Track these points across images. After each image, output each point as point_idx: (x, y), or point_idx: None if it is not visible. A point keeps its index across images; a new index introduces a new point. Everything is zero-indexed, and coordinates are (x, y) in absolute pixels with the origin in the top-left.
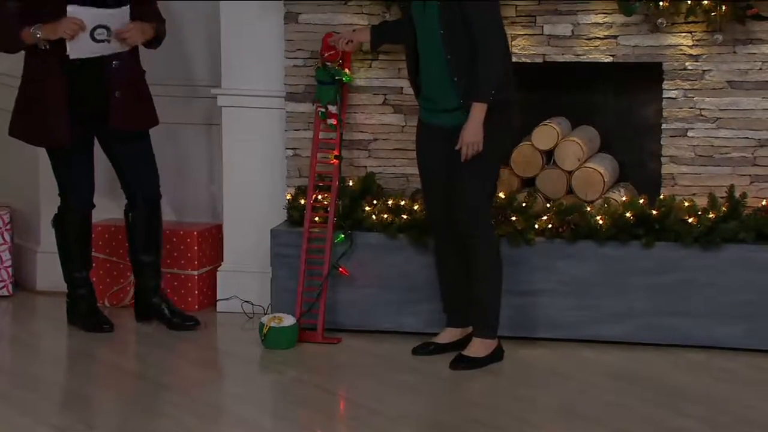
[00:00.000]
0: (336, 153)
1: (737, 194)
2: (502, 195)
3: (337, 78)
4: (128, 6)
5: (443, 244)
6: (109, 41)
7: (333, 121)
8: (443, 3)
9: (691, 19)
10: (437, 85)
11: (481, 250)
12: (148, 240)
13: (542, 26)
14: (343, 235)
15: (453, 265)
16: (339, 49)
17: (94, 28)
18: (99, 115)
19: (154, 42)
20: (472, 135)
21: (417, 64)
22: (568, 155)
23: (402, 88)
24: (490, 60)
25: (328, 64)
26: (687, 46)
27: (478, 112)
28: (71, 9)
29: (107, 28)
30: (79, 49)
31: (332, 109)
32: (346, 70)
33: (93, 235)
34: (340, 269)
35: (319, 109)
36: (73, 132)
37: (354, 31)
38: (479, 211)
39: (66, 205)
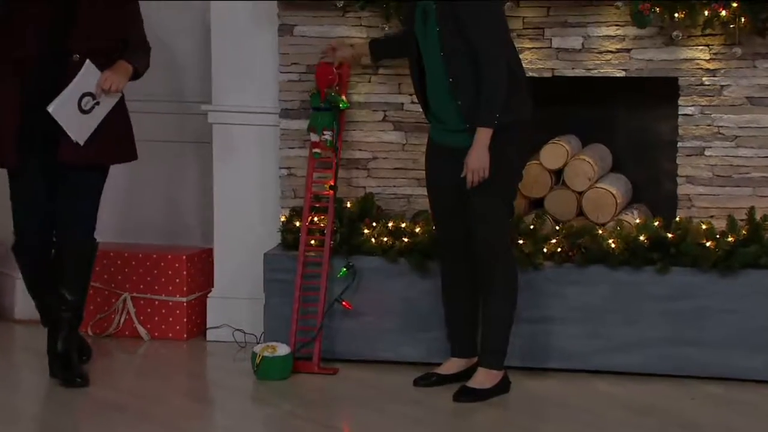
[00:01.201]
0: (332, 183)
1: (758, 216)
2: None
3: (333, 104)
4: (86, 60)
5: (451, 268)
6: (98, 102)
7: (329, 137)
8: (443, 25)
9: (708, 31)
10: (443, 106)
11: (497, 274)
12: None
13: (551, 39)
14: (345, 269)
15: (461, 289)
16: (333, 60)
17: (79, 101)
18: (51, 141)
19: (134, 77)
20: (476, 161)
21: (423, 81)
22: (578, 175)
23: (402, 104)
24: (492, 83)
25: (328, 89)
26: (704, 60)
27: (483, 137)
28: (53, 110)
29: (90, 94)
30: (68, 118)
31: (327, 134)
32: (343, 97)
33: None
34: (343, 303)
35: (313, 148)
36: (21, 155)
37: (351, 45)
38: (496, 233)
39: (17, 243)
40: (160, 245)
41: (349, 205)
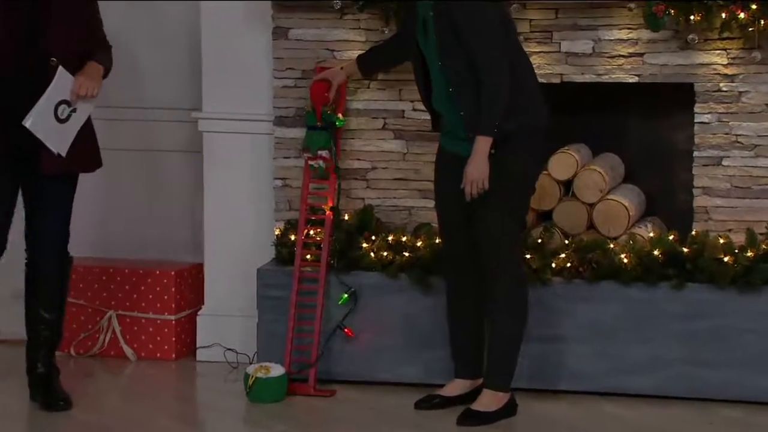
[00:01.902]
0: (330, 204)
1: None
2: None
3: (329, 123)
4: (59, 67)
5: (457, 283)
6: (74, 110)
7: (323, 163)
8: (441, 32)
9: (726, 34)
10: (448, 114)
11: (505, 290)
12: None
13: (559, 43)
14: (346, 295)
15: (467, 306)
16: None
17: (55, 110)
18: (26, 151)
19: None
20: (475, 171)
21: (429, 87)
22: (588, 186)
23: (403, 111)
24: (491, 90)
25: (323, 107)
26: (721, 64)
27: (481, 146)
28: (30, 124)
29: (66, 102)
30: (46, 130)
31: (323, 154)
32: (339, 115)
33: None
34: (345, 330)
35: (309, 161)
36: None
37: (341, 68)
38: (503, 247)
39: None
40: (148, 260)
41: (347, 217)
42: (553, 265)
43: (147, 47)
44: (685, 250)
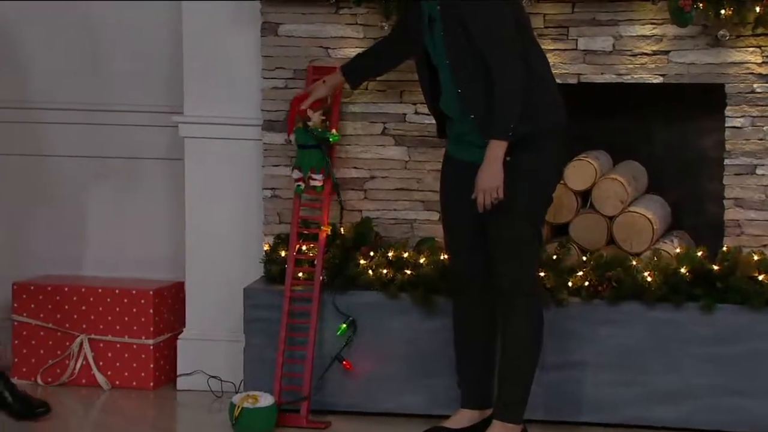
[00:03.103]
0: (324, 226)
1: None
2: None
3: (322, 139)
4: None
5: (466, 304)
6: None
7: (318, 183)
8: (448, 30)
9: (760, 30)
10: (458, 118)
11: (519, 311)
12: None
13: (576, 39)
14: (345, 325)
15: (476, 329)
16: (302, 107)
17: None
18: None
19: None
20: (488, 179)
21: (436, 90)
22: (608, 197)
23: (405, 115)
24: (504, 90)
25: (310, 124)
26: (755, 63)
27: (494, 151)
28: None
29: None
30: None
31: (317, 177)
32: (333, 131)
33: (24, 296)
34: (344, 363)
35: (297, 182)
36: None
37: (323, 81)
38: (519, 263)
39: None
40: (123, 278)
41: (342, 231)
42: (570, 284)
43: (120, 42)
44: (715, 267)
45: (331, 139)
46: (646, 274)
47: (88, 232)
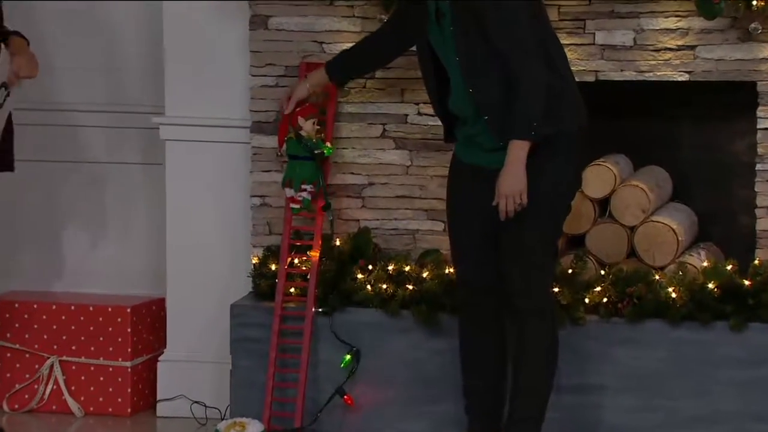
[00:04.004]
0: (316, 249)
1: None
2: None
3: (315, 151)
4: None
5: (473, 321)
6: (9, 93)
7: (305, 194)
8: (458, 23)
9: None
10: (471, 120)
11: (535, 329)
12: None
13: (594, 33)
14: (349, 356)
15: (485, 349)
16: (285, 112)
17: None
18: None
19: None
20: (511, 184)
21: (442, 90)
22: (628, 205)
23: (407, 115)
24: (527, 87)
25: (303, 133)
26: None
27: (517, 153)
28: None
29: (4, 85)
30: None
31: (308, 189)
32: (328, 143)
33: None
34: (345, 398)
35: (293, 204)
36: None
37: (306, 77)
38: (535, 276)
39: None
40: (98, 294)
41: (338, 242)
42: (587, 300)
43: (92, 33)
44: (747, 282)
45: (325, 152)
46: (670, 289)
47: (59, 243)
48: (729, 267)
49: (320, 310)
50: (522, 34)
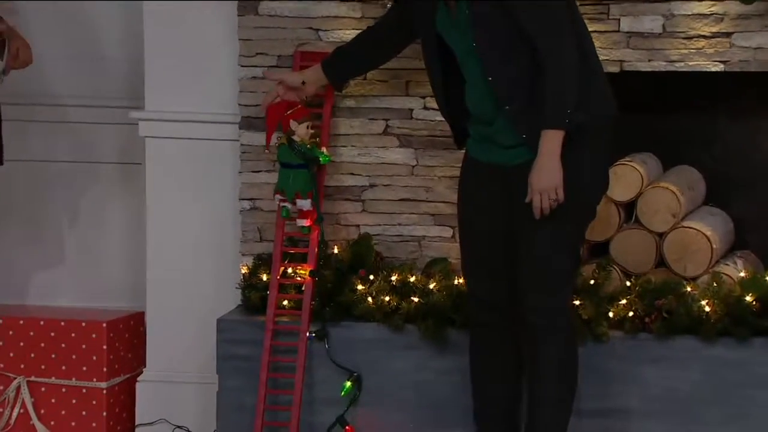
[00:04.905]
0: (311, 267)
1: None
2: None
3: (309, 159)
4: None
5: (485, 337)
6: (2, 81)
7: (305, 222)
8: (476, 6)
9: None
10: (487, 114)
11: (552, 347)
12: None
13: (619, 19)
14: (350, 383)
15: (497, 368)
16: (266, 104)
17: None
18: None
19: None
20: (545, 179)
21: (449, 84)
22: (657, 210)
23: (411, 110)
24: (558, 71)
25: (295, 138)
26: None
27: (551, 143)
28: None
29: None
30: None
31: (303, 204)
32: (324, 149)
33: None
34: (347, 430)
35: (281, 203)
36: None
37: (298, 72)
38: (557, 288)
39: None
40: (70, 308)
41: (336, 250)
42: (611, 314)
43: (75, 27)
44: None
45: (321, 160)
46: (703, 303)
47: (28, 252)
48: None
49: (314, 334)
50: (557, 15)
